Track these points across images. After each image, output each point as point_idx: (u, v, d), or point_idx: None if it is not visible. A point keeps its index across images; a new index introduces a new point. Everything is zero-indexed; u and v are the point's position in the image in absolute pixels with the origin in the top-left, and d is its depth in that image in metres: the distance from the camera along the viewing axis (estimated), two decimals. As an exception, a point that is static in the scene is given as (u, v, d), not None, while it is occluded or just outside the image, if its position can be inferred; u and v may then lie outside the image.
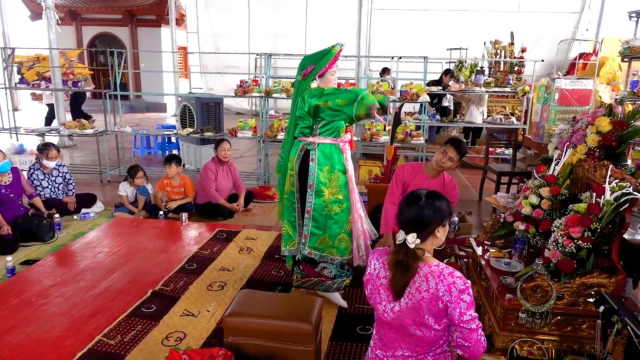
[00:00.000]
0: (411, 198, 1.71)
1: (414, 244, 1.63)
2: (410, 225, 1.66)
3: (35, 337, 2.64)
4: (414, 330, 1.67)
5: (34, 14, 14.77)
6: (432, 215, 1.66)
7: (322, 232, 2.97)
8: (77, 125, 6.72)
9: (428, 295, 1.61)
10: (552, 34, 10.37)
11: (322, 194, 2.93)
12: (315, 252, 2.99)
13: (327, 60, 2.87)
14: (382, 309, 1.72)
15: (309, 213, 2.94)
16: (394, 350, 1.75)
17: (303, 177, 2.94)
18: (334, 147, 2.95)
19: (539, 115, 5.36)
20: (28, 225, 4.16)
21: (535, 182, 2.96)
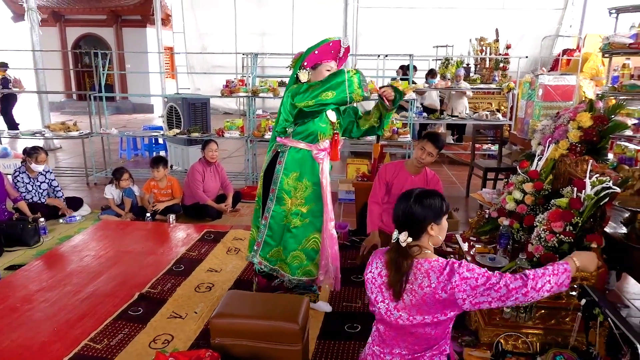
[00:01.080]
0: (402, 197, 1.71)
1: (405, 242, 1.64)
2: (403, 224, 1.67)
3: (20, 343, 2.61)
4: (415, 328, 1.66)
5: (16, 16, 14.55)
6: (423, 213, 1.65)
7: (277, 243, 2.74)
8: (62, 127, 6.65)
9: (430, 290, 1.60)
10: (536, 30, 10.46)
11: (283, 202, 2.69)
12: (266, 264, 2.76)
13: (317, 45, 2.57)
14: (385, 307, 1.70)
15: (266, 220, 2.71)
16: (391, 347, 1.75)
17: (268, 180, 2.72)
18: (307, 153, 2.67)
19: (523, 111, 5.40)
20: (12, 229, 4.11)
21: (518, 177, 2.99)
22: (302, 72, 2.59)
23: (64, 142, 8.64)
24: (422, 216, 1.65)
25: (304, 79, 2.59)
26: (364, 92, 2.48)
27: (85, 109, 13.69)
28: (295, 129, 2.64)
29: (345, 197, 5.44)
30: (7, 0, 14.34)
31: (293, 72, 2.67)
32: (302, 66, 2.59)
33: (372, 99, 3.36)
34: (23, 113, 13.38)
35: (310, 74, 2.60)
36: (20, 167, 4.76)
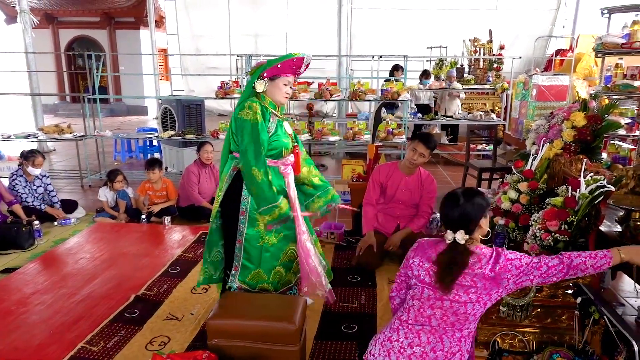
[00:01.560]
0: (451, 199, 1.84)
1: (464, 240, 1.77)
2: (458, 224, 1.80)
3: (15, 346, 2.60)
4: (459, 306, 1.77)
5: (9, 18, 14.47)
6: (475, 211, 1.80)
7: (256, 266, 2.62)
8: (56, 130, 6.61)
9: (481, 272, 1.75)
10: (529, 31, 10.52)
11: (256, 223, 2.56)
12: (246, 288, 2.65)
13: (281, 59, 2.51)
14: (433, 285, 1.80)
15: (240, 243, 2.58)
16: (421, 325, 1.82)
17: (232, 200, 2.58)
18: (273, 169, 2.56)
19: (517, 112, 5.43)
20: (7, 232, 4.08)
21: (513, 177, 3.00)
22: (259, 82, 2.51)
23: (58, 145, 8.59)
24: (476, 214, 1.80)
25: (260, 89, 2.52)
26: (268, 224, 2.52)
27: (79, 111, 13.66)
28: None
29: (341, 198, 5.43)
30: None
31: (251, 80, 2.58)
32: (260, 76, 2.52)
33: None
34: (16, 115, 13.32)
35: (267, 85, 2.54)
36: (18, 170, 4.73)
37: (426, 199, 3.60)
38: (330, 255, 3.86)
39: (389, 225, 3.69)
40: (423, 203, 3.60)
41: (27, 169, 4.64)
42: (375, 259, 3.51)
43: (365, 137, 5.99)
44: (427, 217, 3.64)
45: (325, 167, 7.49)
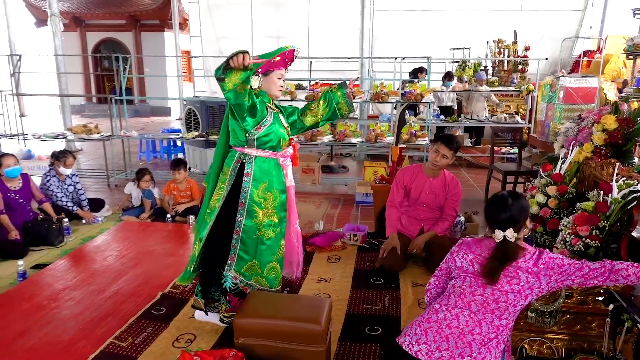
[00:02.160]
0: (499, 201, 1.95)
1: (514, 237, 1.88)
2: (506, 224, 1.89)
3: (47, 341, 2.67)
4: (500, 294, 1.83)
5: (39, 21, 14.88)
6: (521, 211, 1.92)
7: (251, 257, 2.65)
8: (84, 130, 6.77)
9: (525, 265, 1.85)
10: (555, 32, 10.33)
11: (254, 215, 2.59)
12: (241, 279, 2.65)
13: (274, 53, 2.56)
14: (475, 274, 1.90)
15: (238, 234, 2.60)
16: (461, 309, 1.87)
17: (233, 193, 2.60)
18: (272, 161, 2.65)
19: (544, 114, 5.35)
20: (37, 229, 4.20)
21: (541, 181, 2.96)
22: (254, 78, 2.55)
23: (85, 145, 8.79)
24: (522, 214, 1.92)
25: (255, 85, 2.57)
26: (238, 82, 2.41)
27: (104, 112, 13.97)
28: (259, 139, 2.59)
29: (363, 199, 5.43)
30: (30, 6, 14.67)
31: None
32: (255, 72, 2.54)
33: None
34: (44, 116, 13.68)
35: (262, 81, 2.60)
36: (50, 170, 4.85)
37: (451, 201, 3.57)
38: (352, 257, 3.86)
39: (413, 228, 3.67)
40: (447, 206, 3.58)
41: (58, 169, 4.77)
42: (398, 262, 3.50)
43: (387, 139, 5.97)
44: (452, 220, 3.61)
45: (346, 169, 7.49)
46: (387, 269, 3.48)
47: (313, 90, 6.13)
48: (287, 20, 12.15)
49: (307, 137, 6.02)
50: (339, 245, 4.05)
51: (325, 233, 4.22)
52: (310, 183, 6.17)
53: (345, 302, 3.10)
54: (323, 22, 11.50)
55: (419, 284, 3.33)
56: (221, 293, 2.70)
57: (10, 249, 3.91)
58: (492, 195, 2.03)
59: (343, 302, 3.09)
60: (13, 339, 2.67)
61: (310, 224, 4.65)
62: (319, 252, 3.93)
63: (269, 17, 12.38)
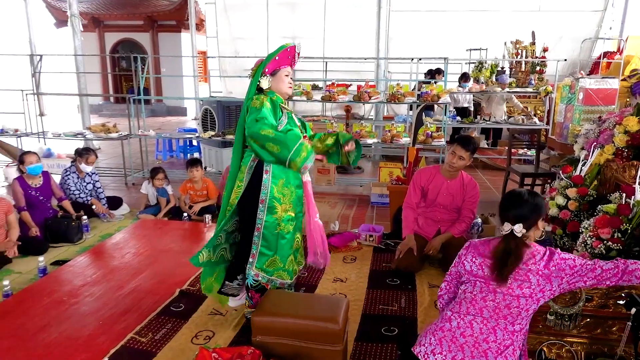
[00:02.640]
0: (514, 196, 1.95)
1: (521, 232, 1.84)
2: (516, 219, 1.87)
3: (67, 336, 2.71)
4: (512, 299, 1.82)
5: (58, 22, 15.14)
6: (535, 209, 1.90)
7: (273, 252, 2.70)
8: (102, 129, 6.87)
9: (535, 267, 1.82)
10: (574, 32, 10.18)
11: (275, 211, 2.65)
12: (264, 275, 2.70)
13: (275, 53, 2.65)
14: (485, 279, 1.88)
15: (259, 231, 2.66)
16: (473, 316, 1.87)
17: (253, 191, 2.65)
18: None
19: (562, 116, 5.28)
20: (57, 226, 4.28)
21: (561, 183, 2.93)
22: (263, 79, 2.66)
23: (103, 143, 8.92)
24: (536, 212, 1.90)
25: (265, 85, 2.67)
26: (302, 169, 2.55)
27: (121, 111, 14.16)
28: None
29: (378, 200, 5.43)
30: (50, 7, 14.93)
31: (254, 79, 2.70)
32: (263, 73, 2.65)
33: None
34: (62, 115, 13.91)
35: (271, 80, 2.69)
36: (71, 167, 4.95)
37: (468, 203, 3.54)
38: (368, 257, 3.86)
39: (430, 229, 3.66)
40: (465, 208, 3.55)
41: (79, 165, 4.85)
42: (415, 263, 3.48)
43: (403, 140, 5.95)
44: (469, 222, 3.59)
45: (361, 169, 7.49)
46: (403, 269, 3.48)
47: (329, 91, 6.13)
48: (303, 21, 12.18)
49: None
50: (355, 245, 4.05)
51: (341, 233, 4.23)
52: (325, 183, 6.18)
53: (361, 303, 3.10)
54: (339, 22, 11.50)
55: (435, 285, 3.31)
56: (247, 289, 2.78)
57: (31, 245, 3.99)
58: (509, 191, 2.03)
59: (359, 303, 3.10)
60: (34, 334, 2.72)
61: (325, 225, 4.63)
62: (335, 252, 3.93)
63: (284, 18, 12.43)
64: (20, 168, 4.37)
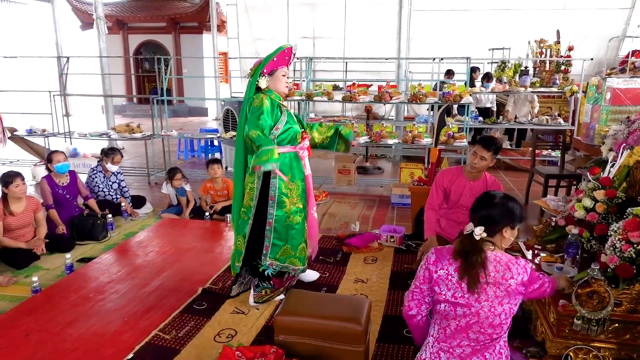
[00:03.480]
0: (486, 196, 1.90)
1: (480, 236, 1.80)
2: (481, 220, 1.83)
3: (94, 331, 2.77)
4: (495, 318, 1.80)
5: (84, 24, 15.47)
6: (502, 214, 1.83)
7: (284, 242, 2.94)
8: (127, 129, 7.00)
9: (515, 282, 1.80)
10: (600, 31, 9.96)
11: (283, 205, 2.89)
12: (277, 263, 2.94)
13: (273, 54, 2.82)
14: (466, 301, 1.81)
15: (270, 225, 2.90)
16: (460, 340, 1.85)
17: (263, 189, 2.87)
18: (292, 155, 2.94)
19: (589, 116, 5.17)
20: (83, 224, 4.37)
21: (589, 184, 2.87)
22: (261, 79, 2.84)
23: (126, 143, 9.07)
24: (502, 218, 1.83)
25: (263, 85, 2.85)
26: (257, 164, 2.65)
27: (144, 112, 14.40)
28: (278, 137, 2.86)
29: (399, 201, 5.40)
30: (76, 10, 15.27)
31: (253, 80, 2.86)
32: (261, 73, 2.83)
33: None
34: (88, 115, 14.21)
35: (269, 80, 2.87)
36: (97, 166, 5.06)
37: (492, 204, 3.49)
38: (389, 258, 3.85)
39: (452, 231, 3.62)
40: (489, 209, 3.50)
41: (106, 165, 4.95)
42: (437, 264, 3.45)
43: (424, 141, 5.91)
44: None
45: (381, 170, 7.46)
46: (425, 271, 3.44)
47: (350, 91, 6.13)
48: (324, 21, 12.19)
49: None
50: (376, 246, 4.04)
51: (361, 234, 4.22)
52: (345, 184, 6.18)
53: (382, 304, 3.09)
54: (359, 22, 11.47)
55: (457, 288, 3.27)
56: (261, 280, 2.99)
57: (58, 242, 4.09)
58: (486, 191, 1.99)
59: (380, 304, 3.09)
60: (62, 328, 2.79)
61: (346, 225, 4.65)
62: (356, 252, 3.93)
63: (305, 18, 12.45)
64: (48, 167, 4.48)
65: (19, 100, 9.78)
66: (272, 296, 3.05)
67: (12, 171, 3.90)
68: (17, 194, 3.81)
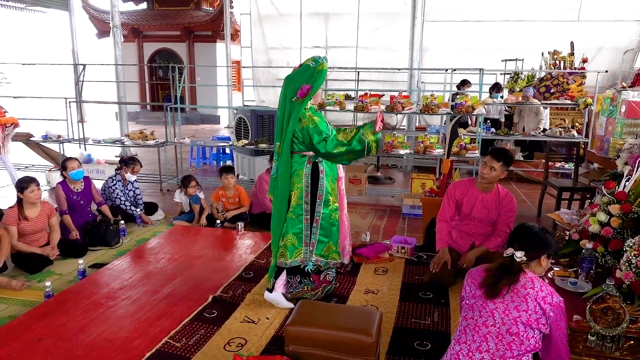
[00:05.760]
0: (526, 225, 2.10)
1: (521, 259, 1.95)
2: (521, 246, 1.98)
3: (105, 337, 2.78)
4: (510, 324, 1.87)
5: (100, 32, 15.72)
6: (541, 243, 2.02)
7: (328, 239, 3.14)
8: (140, 136, 7.07)
9: (534, 292, 1.89)
10: (615, 43, 9.90)
11: (328, 204, 3.11)
12: (322, 259, 3.14)
13: (323, 79, 3.02)
14: (482, 300, 1.95)
15: (317, 222, 3.09)
16: (478, 344, 1.92)
17: (312, 189, 3.07)
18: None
19: (603, 129, 5.13)
20: (96, 230, 4.41)
21: (603, 198, 2.84)
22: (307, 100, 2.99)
23: (139, 150, 9.16)
24: (541, 246, 2.02)
25: (308, 105, 3.04)
26: (381, 147, 3.03)
27: (157, 119, 14.53)
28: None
29: (410, 211, 5.38)
30: (93, 18, 15.53)
31: (303, 104, 2.96)
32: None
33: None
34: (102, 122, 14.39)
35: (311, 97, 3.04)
36: (116, 175, 5.12)
37: (504, 217, 3.47)
38: (400, 270, 3.83)
39: (464, 243, 3.60)
40: (501, 222, 3.48)
41: (125, 174, 5.01)
42: (448, 277, 3.43)
43: (436, 151, 5.89)
44: (505, 237, 3.49)
45: (392, 180, 7.44)
46: (437, 283, 3.43)
47: (362, 101, 6.14)
48: (336, 31, 12.27)
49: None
50: (387, 257, 4.02)
51: (372, 244, 4.20)
52: (357, 193, 6.18)
53: (393, 315, 3.07)
54: (372, 32, 11.53)
55: (469, 301, 3.24)
56: (302, 277, 3.13)
57: (71, 248, 4.13)
58: (522, 223, 2.15)
59: (391, 315, 3.07)
60: (74, 334, 2.81)
61: (357, 235, 4.64)
62: (366, 263, 3.92)
63: (318, 28, 12.55)
64: (63, 173, 4.54)
65: (35, 106, 9.95)
66: (312, 294, 3.16)
67: (28, 176, 3.96)
68: (32, 199, 3.86)
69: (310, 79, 2.93)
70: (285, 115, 3.01)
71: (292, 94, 2.96)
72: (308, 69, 2.96)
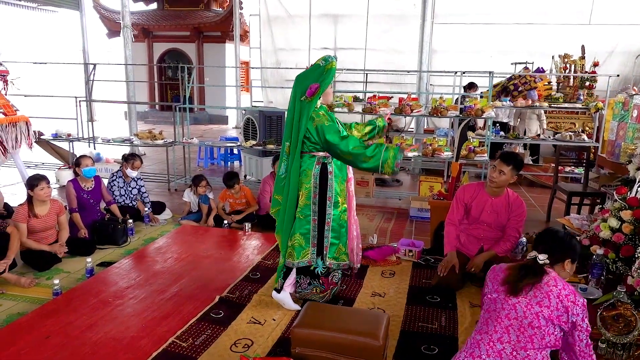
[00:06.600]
0: (550, 233, 2.09)
1: (544, 261, 1.95)
2: (545, 249, 1.99)
3: (112, 336, 2.79)
4: (532, 318, 1.87)
5: (110, 32, 15.84)
6: (566, 247, 2.02)
7: (339, 241, 3.11)
8: (149, 136, 7.11)
9: (557, 290, 1.89)
10: (626, 47, 9.81)
11: (338, 205, 3.06)
12: (334, 262, 3.10)
13: (332, 78, 2.98)
14: (504, 295, 1.96)
15: (329, 225, 3.05)
16: (500, 335, 1.93)
17: (322, 190, 3.03)
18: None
19: (614, 133, 5.08)
20: (104, 229, 4.43)
21: (615, 204, 2.81)
22: (316, 99, 2.95)
23: (147, 149, 9.22)
24: (566, 250, 2.01)
25: (318, 104, 2.99)
26: (395, 167, 2.87)
27: (165, 119, 14.60)
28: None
29: (418, 214, 5.36)
30: (104, 18, 15.65)
31: (313, 102, 2.92)
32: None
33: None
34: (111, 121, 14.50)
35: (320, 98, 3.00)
36: (117, 171, 5.15)
37: (514, 222, 3.43)
38: (407, 273, 3.81)
39: (472, 247, 3.57)
40: (510, 226, 3.44)
41: (125, 170, 5.03)
42: (456, 280, 3.41)
43: (445, 154, 5.86)
44: (514, 241, 3.47)
45: (400, 182, 7.42)
46: (444, 287, 3.40)
47: (370, 103, 6.13)
48: (345, 32, 12.28)
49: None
50: (394, 260, 4.01)
51: (379, 247, 4.19)
52: (364, 195, 6.16)
53: (400, 319, 3.05)
54: (381, 34, 11.52)
55: (476, 305, 3.22)
56: (312, 278, 3.09)
57: (79, 246, 4.15)
58: (548, 227, 2.18)
59: (398, 319, 3.05)
60: (82, 332, 2.82)
61: (364, 237, 4.62)
62: (373, 265, 3.90)
63: (327, 29, 12.56)
64: (76, 171, 4.57)
65: (46, 105, 10.05)
66: (320, 297, 3.11)
67: (38, 174, 3.98)
68: (42, 197, 3.89)
69: (319, 78, 2.91)
70: (295, 114, 3.00)
71: (301, 93, 2.95)
72: (317, 67, 2.96)
